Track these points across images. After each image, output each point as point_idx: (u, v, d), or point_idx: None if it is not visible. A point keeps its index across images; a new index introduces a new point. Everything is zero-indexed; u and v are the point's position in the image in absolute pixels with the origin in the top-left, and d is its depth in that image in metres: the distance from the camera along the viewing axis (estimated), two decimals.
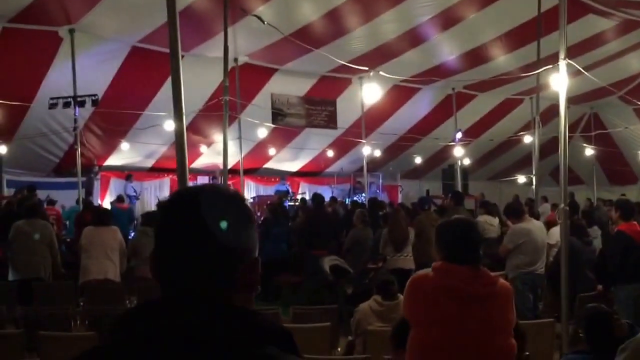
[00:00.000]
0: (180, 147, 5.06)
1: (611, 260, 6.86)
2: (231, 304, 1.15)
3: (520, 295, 7.20)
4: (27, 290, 7.52)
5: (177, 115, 5.04)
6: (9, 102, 12.31)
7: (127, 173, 17.10)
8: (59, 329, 5.78)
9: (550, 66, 7.32)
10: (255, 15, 11.17)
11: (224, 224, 1.16)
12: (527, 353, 4.07)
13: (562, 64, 6.45)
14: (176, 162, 5.18)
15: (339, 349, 6.02)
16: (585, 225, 8.48)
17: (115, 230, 8.23)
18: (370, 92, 12.44)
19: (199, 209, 1.16)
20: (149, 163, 17.97)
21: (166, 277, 1.19)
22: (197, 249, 1.16)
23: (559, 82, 6.60)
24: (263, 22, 10.80)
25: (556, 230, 7.80)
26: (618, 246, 6.74)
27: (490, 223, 10.07)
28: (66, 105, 12.30)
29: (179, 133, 5.06)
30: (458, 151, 17.08)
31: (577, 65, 7.35)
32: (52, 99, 12.38)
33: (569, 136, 6.86)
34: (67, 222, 13.08)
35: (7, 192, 13.80)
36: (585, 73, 8.89)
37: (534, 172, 13.46)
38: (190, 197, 1.21)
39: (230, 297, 1.17)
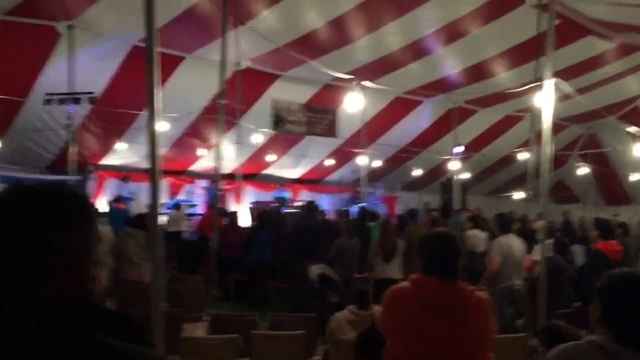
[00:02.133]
0: (153, 147, 4.96)
1: (587, 278, 7.01)
2: (53, 293, 1.17)
3: (499, 309, 7.27)
4: None
5: (150, 115, 4.94)
6: (3, 97, 12.23)
7: (125, 174, 17.01)
8: None
9: (538, 83, 7.38)
10: (250, 27, 11.10)
11: (31, 226, 1.21)
12: None
13: (549, 82, 6.55)
14: (149, 162, 5.04)
15: (315, 358, 5.96)
16: (567, 243, 8.54)
17: (105, 231, 8.18)
18: (352, 102, 12.36)
19: (21, 208, 1.23)
20: (145, 164, 17.79)
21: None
22: (12, 245, 1.20)
23: (545, 100, 6.66)
24: (259, 33, 10.75)
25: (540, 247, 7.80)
26: (593, 264, 6.98)
27: (479, 237, 10.02)
28: (62, 102, 12.23)
29: (151, 133, 4.95)
30: (455, 165, 17.02)
31: (567, 85, 7.43)
32: (47, 94, 12.30)
33: (565, 155, 6.93)
34: None
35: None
36: (574, 94, 8.95)
37: (529, 189, 13.40)
38: (17, 195, 1.26)
39: (58, 288, 1.19)
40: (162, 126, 13.70)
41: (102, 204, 15.68)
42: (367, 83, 13.57)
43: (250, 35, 12.36)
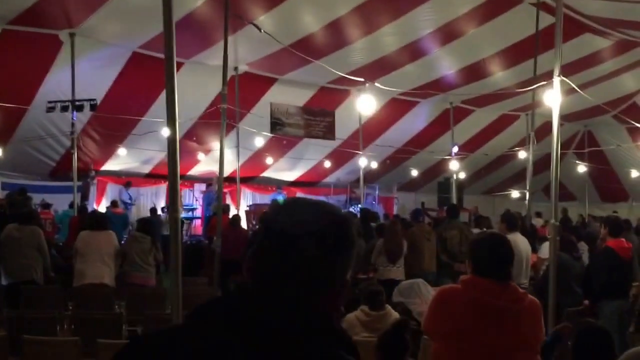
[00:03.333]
0: (173, 155, 5.07)
1: (596, 276, 6.87)
2: (315, 310, 1.20)
3: None
4: (17, 293, 7.45)
5: (171, 123, 5.03)
6: (6, 105, 12.29)
7: (127, 180, 17.11)
8: (44, 333, 5.68)
9: (544, 83, 7.37)
10: (253, 24, 11.21)
11: (324, 250, 1.21)
12: None
13: (556, 80, 6.50)
14: (167, 170, 5.18)
15: None
16: (575, 241, 8.45)
17: (111, 235, 8.16)
18: (365, 103, 12.49)
19: (316, 228, 1.22)
20: (146, 169, 17.96)
21: (261, 278, 1.23)
22: (300, 263, 1.20)
23: (553, 98, 6.64)
24: (260, 30, 10.83)
25: (547, 245, 7.80)
26: (604, 262, 6.75)
27: None
28: (64, 109, 12.27)
29: (171, 141, 5.06)
30: (454, 165, 17.16)
31: (571, 83, 7.41)
32: (49, 102, 12.35)
33: (562, 153, 6.91)
34: (60, 226, 13.06)
35: (1, 194, 13.75)
36: (580, 91, 8.97)
37: (527, 188, 13.53)
38: (300, 215, 1.25)
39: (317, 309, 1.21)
40: (164, 132, 13.95)
41: (102, 210, 15.76)
42: (378, 85, 13.66)
43: (247, 40, 12.50)
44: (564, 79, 6.65)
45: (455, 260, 8.89)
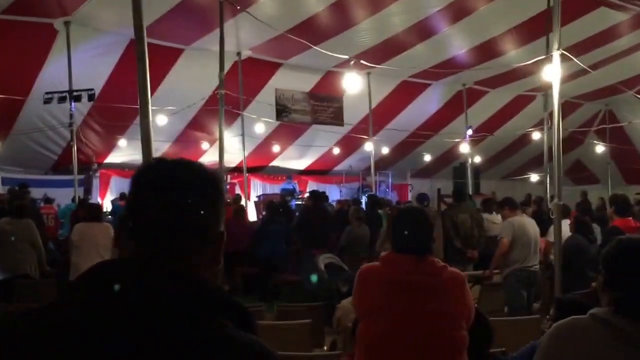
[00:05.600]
0: (147, 141, 4.76)
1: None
2: (195, 274, 1.17)
3: (512, 292, 7.17)
4: (12, 288, 7.40)
5: (144, 113, 4.71)
6: (3, 96, 12.02)
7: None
8: None
9: (544, 57, 7.04)
10: (247, 12, 10.76)
11: (203, 204, 1.22)
12: (503, 349, 4.00)
13: (556, 55, 6.26)
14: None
15: (325, 347, 5.85)
16: (589, 222, 8.15)
17: (107, 227, 7.99)
18: (351, 82, 11.99)
19: (182, 184, 1.22)
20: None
21: (142, 239, 1.20)
22: (177, 220, 1.20)
23: (553, 73, 6.39)
24: (255, 18, 10.42)
25: (563, 228, 7.43)
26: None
27: (492, 221, 9.70)
28: (61, 100, 12.02)
29: (144, 128, 4.77)
30: (465, 147, 16.64)
31: (571, 56, 6.97)
32: (47, 93, 12.10)
33: (582, 133, 6.52)
34: (63, 221, 12.75)
35: (2, 190, 13.47)
36: (582, 65, 8.48)
37: (547, 170, 12.96)
38: (171, 171, 1.25)
39: (197, 270, 1.20)
40: (161, 120, 13.58)
41: (107, 203, 15.44)
42: (369, 65, 13.11)
43: (249, 23, 12.02)
44: (565, 52, 6.27)
45: (468, 245, 8.79)
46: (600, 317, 1.87)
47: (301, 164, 20.54)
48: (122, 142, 15.61)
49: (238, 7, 10.42)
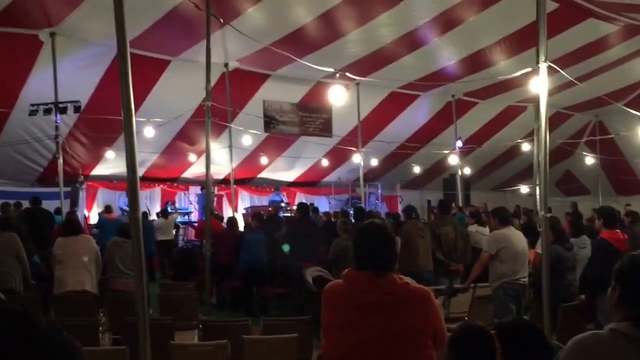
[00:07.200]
0: (131, 151, 4.66)
1: (590, 269, 6.77)
2: None
3: (501, 305, 7.11)
4: None
5: (127, 120, 4.58)
6: None
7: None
8: None
9: (529, 69, 7.01)
10: (231, 25, 10.68)
11: None
12: None
13: (543, 66, 6.19)
14: (126, 169, 4.74)
15: None
16: (564, 230, 8.28)
17: (89, 239, 8.10)
18: (336, 94, 11.89)
19: None
20: (139, 172, 17.31)
21: None
22: None
23: (540, 85, 6.30)
24: (240, 32, 10.33)
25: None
26: (599, 254, 6.63)
27: (481, 233, 9.63)
28: (47, 112, 11.87)
29: (129, 145, 4.66)
30: (454, 159, 16.57)
31: (558, 68, 6.95)
32: (32, 105, 11.92)
33: (572, 144, 6.47)
34: None
35: None
36: (569, 77, 8.46)
37: (536, 182, 12.89)
38: None
39: None
40: (148, 132, 13.44)
41: (94, 215, 15.25)
42: (359, 78, 13.06)
43: (237, 35, 11.92)
44: (551, 64, 6.30)
45: (450, 256, 8.74)
46: (623, 331, 1.90)
47: (290, 175, 20.38)
48: (109, 154, 15.42)
49: (221, 21, 10.26)
